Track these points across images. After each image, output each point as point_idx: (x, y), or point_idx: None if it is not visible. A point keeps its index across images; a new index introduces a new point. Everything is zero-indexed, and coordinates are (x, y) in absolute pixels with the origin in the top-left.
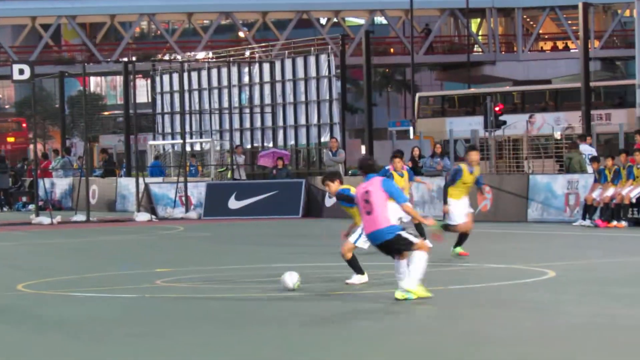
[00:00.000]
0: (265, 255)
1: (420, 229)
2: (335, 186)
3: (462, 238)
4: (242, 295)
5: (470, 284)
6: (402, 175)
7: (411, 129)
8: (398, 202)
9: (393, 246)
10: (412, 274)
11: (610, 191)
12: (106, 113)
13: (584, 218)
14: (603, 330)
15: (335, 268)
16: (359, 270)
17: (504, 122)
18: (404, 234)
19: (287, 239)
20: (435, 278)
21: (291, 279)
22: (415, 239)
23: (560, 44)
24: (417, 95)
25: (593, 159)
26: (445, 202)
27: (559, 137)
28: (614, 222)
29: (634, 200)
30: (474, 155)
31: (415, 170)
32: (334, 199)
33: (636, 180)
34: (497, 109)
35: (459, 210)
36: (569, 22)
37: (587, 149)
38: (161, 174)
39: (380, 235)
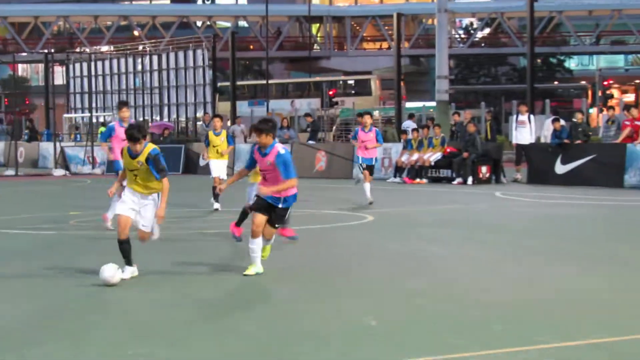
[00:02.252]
0: None
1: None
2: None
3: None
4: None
5: (309, 225)
6: (217, 134)
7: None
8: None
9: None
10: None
11: (415, 156)
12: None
13: (395, 176)
14: (418, 260)
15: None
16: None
17: (336, 103)
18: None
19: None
20: None
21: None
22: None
23: (382, 44)
24: (219, 84)
25: (403, 132)
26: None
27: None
28: (418, 180)
29: (432, 163)
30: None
31: None
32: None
33: (434, 148)
34: (330, 93)
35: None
36: (386, 27)
37: (410, 124)
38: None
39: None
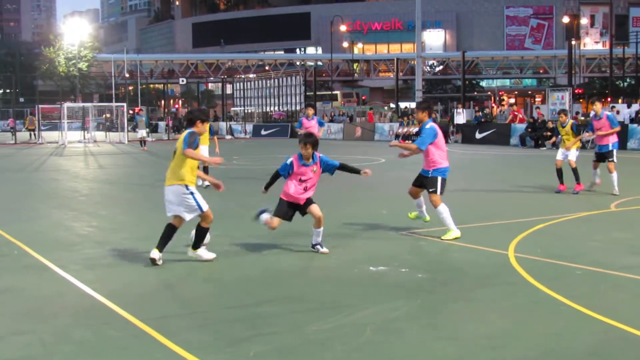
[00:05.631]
0: (274, 148)
1: None
2: None
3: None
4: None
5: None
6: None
7: (330, 104)
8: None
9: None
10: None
11: (405, 129)
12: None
13: (395, 139)
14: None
15: None
16: None
17: (365, 102)
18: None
19: (282, 146)
20: None
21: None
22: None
23: (389, 73)
24: (307, 93)
25: (399, 116)
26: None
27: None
28: (406, 142)
29: (414, 132)
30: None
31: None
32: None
33: (416, 124)
34: (364, 97)
35: None
36: (390, 64)
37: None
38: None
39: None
